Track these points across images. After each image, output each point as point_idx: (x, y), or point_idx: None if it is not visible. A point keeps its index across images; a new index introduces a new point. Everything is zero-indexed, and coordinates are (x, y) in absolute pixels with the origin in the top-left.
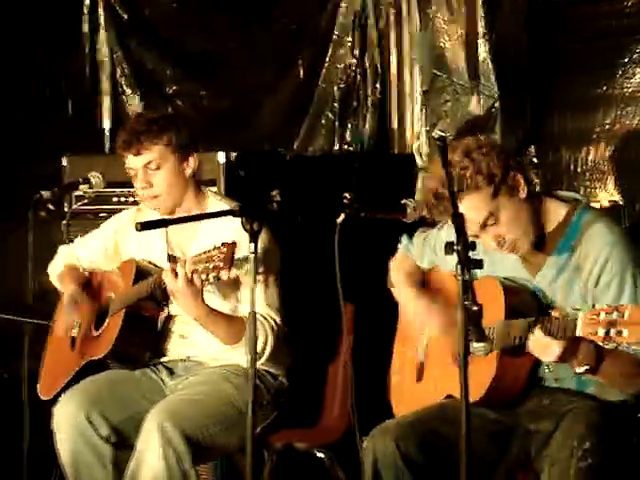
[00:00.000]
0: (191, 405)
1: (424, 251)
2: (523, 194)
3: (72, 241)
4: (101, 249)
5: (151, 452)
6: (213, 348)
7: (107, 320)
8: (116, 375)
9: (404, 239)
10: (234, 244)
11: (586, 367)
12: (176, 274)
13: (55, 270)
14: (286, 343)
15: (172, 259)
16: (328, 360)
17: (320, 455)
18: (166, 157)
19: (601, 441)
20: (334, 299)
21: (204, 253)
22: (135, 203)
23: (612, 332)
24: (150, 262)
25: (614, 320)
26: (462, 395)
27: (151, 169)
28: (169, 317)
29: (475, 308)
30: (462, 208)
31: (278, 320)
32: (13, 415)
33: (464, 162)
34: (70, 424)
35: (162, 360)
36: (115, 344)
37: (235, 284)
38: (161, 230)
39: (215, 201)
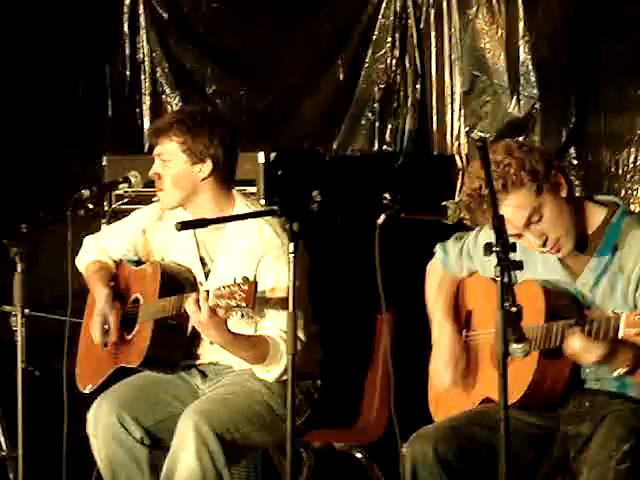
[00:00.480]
0: (224, 404)
1: (462, 261)
2: (564, 193)
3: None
4: (130, 245)
5: (186, 452)
6: None
7: (137, 326)
8: (149, 378)
9: (439, 250)
10: (255, 283)
11: (626, 369)
12: (199, 306)
13: (83, 263)
14: (316, 339)
15: (203, 263)
16: (367, 361)
17: (358, 455)
18: (176, 155)
19: None
20: (374, 301)
21: (226, 287)
22: None
23: None
24: (175, 262)
25: None
26: (501, 397)
27: (161, 162)
28: None
29: (514, 309)
30: (507, 206)
31: (302, 337)
32: (52, 414)
33: (507, 159)
34: (104, 428)
35: (196, 363)
36: (147, 354)
37: (260, 298)
38: (190, 230)
39: (242, 205)
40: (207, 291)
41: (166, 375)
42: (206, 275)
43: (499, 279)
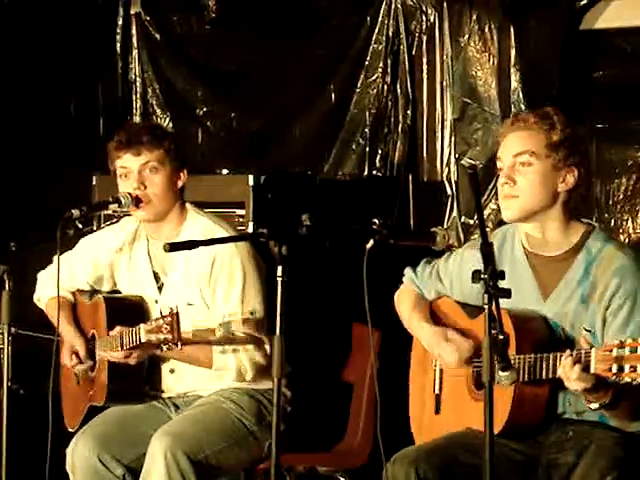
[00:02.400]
0: (194, 424)
1: (431, 282)
2: (561, 187)
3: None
4: (90, 277)
5: (156, 474)
6: (202, 380)
7: (97, 364)
8: (125, 412)
9: (408, 272)
10: (177, 314)
11: (601, 404)
12: (129, 355)
13: (43, 301)
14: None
15: (156, 279)
16: (352, 384)
17: (342, 479)
18: (164, 162)
19: (624, 474)
20: (360, 324)
21: (154, 321)
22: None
23: (626, 368)
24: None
25: (627, 356)
26: (486, 425)
27: (148, 170)
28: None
29: (501, 337)
30: (519, 132)
31: (263, 337)
32: (37, 432)
33: (559, 116)
34: (83, 466)
35: (164, 396)
36: (109, 391)
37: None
38: (143, 246)
39: (194, 214)
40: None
41: (140, 406)
42: (159, 289)
43: (487, 307)
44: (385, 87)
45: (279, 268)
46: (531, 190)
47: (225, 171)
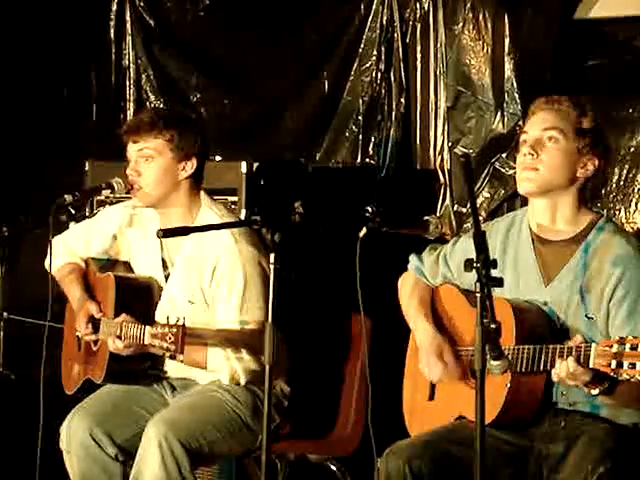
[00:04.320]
0: (190, 413)
1: (437, 267)
2: (582, 173)
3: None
4: (102, 248)
5: (151, 459)
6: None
7: (99, 339)
8: (121, 391)
9: (413, 259)
10: (184, 327)
11: (600, 388)
12: (127, 346)
13: (55, 266)
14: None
15: (164, 266)
16: (344, 372)
17: (333, 467)
18: (162, 152)
19: (616, 466)
20: (352, 312)
21: (160, 327)
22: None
23: (625, 364)
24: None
25: (627, 352)
26: (477, 415)
27: (143, 159)
28: None
29: (493, 326)
30: (552, 106)
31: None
32: (28, 418)
33: (592, 108)
34: (77, 444)
35: (163, 377)
36: (108, 371)
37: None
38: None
39: (206, 207)
40: (115, 328)
41: (136, 387)
42: (166, 278)
43: (478, 295)
44: (379, 75)
45: (272, 255)
46: (553, 166)
47: (218, 158)
